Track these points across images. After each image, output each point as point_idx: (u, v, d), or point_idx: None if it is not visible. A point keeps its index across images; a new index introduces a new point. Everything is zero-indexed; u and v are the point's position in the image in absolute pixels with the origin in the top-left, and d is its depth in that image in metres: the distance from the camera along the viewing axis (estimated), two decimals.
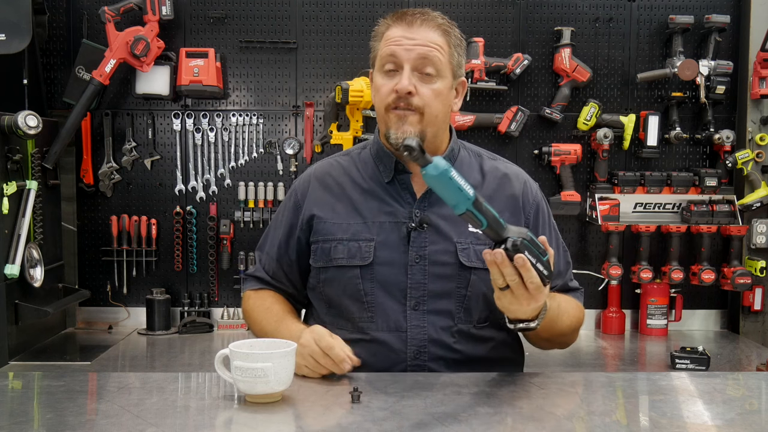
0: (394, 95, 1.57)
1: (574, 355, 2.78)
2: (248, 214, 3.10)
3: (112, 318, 3.14)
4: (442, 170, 1.27)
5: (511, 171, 1.73)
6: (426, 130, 1.60)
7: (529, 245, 1.33)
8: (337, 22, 3.10)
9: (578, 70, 3.05)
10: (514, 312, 1.41)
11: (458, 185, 1.28)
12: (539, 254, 1.34)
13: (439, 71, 1.59)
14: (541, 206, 1.71)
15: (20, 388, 1.50)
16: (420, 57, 1.57)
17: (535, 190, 1.73)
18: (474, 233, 1.61)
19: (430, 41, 1.58)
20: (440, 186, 1.29)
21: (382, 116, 1.63)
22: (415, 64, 1.57)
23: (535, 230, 1.68)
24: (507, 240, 1.32)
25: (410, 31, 1.58)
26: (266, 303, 1.73)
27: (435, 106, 1.59)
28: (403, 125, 1.58)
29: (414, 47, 1.57)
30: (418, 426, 1.20)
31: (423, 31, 1.58)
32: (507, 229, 1.34)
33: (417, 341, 1.59)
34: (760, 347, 2.95)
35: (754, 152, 3.07)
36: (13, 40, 2.65)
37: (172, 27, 3.06)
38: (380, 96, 1.61)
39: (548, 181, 3.13)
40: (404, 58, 1.57)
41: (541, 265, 1.34)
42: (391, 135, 1.60)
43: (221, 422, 1.27)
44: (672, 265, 3.05)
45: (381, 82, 1.61)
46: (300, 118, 3.14)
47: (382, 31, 1.64)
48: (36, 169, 2.72)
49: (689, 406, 1.36)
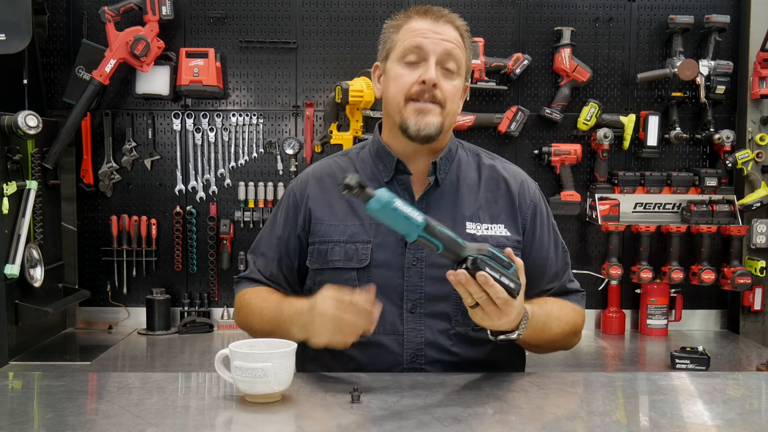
0: (419, 86, 1.56)
1: (574, 355, 2.78)
2: (248, 214, 3.10)
3: (112, 318, 3.14)
4: (384, 202, 1.28)
5: (508, 171, 1.71)
6: (444, 124, 1.59)
7: (491, 260, 1.32)
8: (337, 22, 3.10)
9: (578, 70, 3.05)
10: (490, 326, 1.41)
11: (404, 215, 1.29)
12: (503, 268, 1.33)
13: (459, 69, 1.60)
14: (538, 207, 1.69)
15: (20, 388, 1.50)
16: (445, 52, 1.57)
17: (533, 190, 1.71)
18: (470, 235, 1.60)
19: (454, 38, 1.59)
20: (387, 218, 1.30)
21: (398, 107, 1.59)
22: (440, 58, 1.57)
23: (532, 231, 1.67)
24: (467, 259, 1.32)
25: (436, 26, 1.59)
26: (263, 294, 1.68)
27: (454, 102, 1.60)
28: (426, 117, 1.56)
29: (441, 42, 1.57)
30: (418, 426, 1.20)
31: (447, 28, 1.60)
32: (465, 247, 1.33)
33: (414, 344, 1.58)
34: (760, 347, 2.95)
35: (754, 152, 3.07)
36: (13, 40, 2.65)
37: (172, 27, 3.06)
38: (399, 86, 1.58)
39: (548, 181, 3.13)
40: (431, 51, 1.57)
41: (506, 278, 1.33)
42: (410, 126, 1.57)
43: (221, 422, 1.27)
44: (672, 265, 3.05)
45: (402, 72, 1.58)
46: (300, 118, 3.14)
47: (400, 23, 1.63)
48: (36, 169, 2.72)
49: (689, 406, 1.36)
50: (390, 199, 1.28)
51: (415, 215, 1.29)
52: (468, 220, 1.62)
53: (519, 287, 1.36)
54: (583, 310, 1.71)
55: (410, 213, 1.29)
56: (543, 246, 1.67)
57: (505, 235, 1.63)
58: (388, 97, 1.62)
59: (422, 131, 1.56)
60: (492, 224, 1.63)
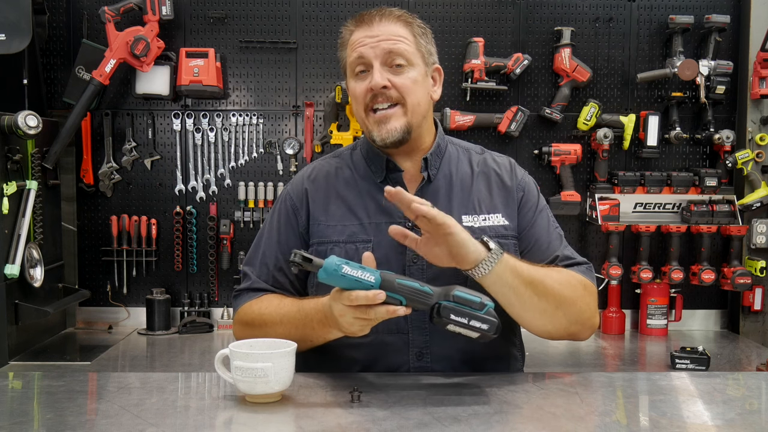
0: (370, 93, 1.58)
1: (574, 355, 2.78)
2: (248, 214, 3.10)
3: (112, 318, 3.14)
4: (331, 271, 1.29)
5: (499, 162, 1.73)
6: (412, 122, 1.60)
7: (456, 305, 1.32)
8: (337, 22, 3.10)
9: (578, 70, 3.05)
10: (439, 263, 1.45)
11: (354, 278, 1.30)
12: (473, 310, 1.33)
13: (409, 60, 1.60)
14: (528, 188, 1.69)
15: (20, 388, 1.50)
16: (386, 51, 1.58)
17: (521, 174, 1.72)
18: (469, 227, 1.58)
19: (393, 34, 1.59)
20: (339, 283, 1.31)
21: (362, 120, 1.63)
22: (383, 59, 1.58)
23: (523, 212, 1.66)
24: (434, 307, 1.33)
25: (371, 30, 1.60)
26: (275, 301, 1.61)
27: (415, 93, 1.60)
28: (387, 124, 1.58)
29: (378, 43, 1.58)
30: (418, 426, 1.20)
31: (384, 26, 1.60)
32: (432, 294, 1.33)
33: (419, 342, 1.58)
34: (760, 347, 2.95)
35: (754, 152, 3.07)
36: (13, 40, 2.65)
37: (172, 27, 3.06)
38: (356, 99, 1.62)
39: (548, 181, 3.13)
40: (371, 56, 1.58)
41: (476, 321, 1.33)
42: (375, 138, 1.60)
43: (221, 422, 1.27)
44: (672, 265, 3.05)
45: (355, 85, 1.62)
46: (300, 118, 3.14)
47: (346, 38, 1.66)
48: (36, 169, 2.72)
49: (689, 406, 1.36)
50: (337, 266, 1.30)
51: (366, 276, 1.31)
52: (464, 213, 1.63)
53: (494, 326, 1.34)
54: (591, 282, 1.60)
55: (361, 275, 1.30)
56: (536, 225, 1.66)
57: (503, 224, 1.64)
58: (354, 113, 1.67)
59: (387, 140, 1.59)
60: (489, 214, 1.64)
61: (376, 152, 1.66)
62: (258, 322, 1.59)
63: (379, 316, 1.33)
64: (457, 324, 1.33)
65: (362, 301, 1.32)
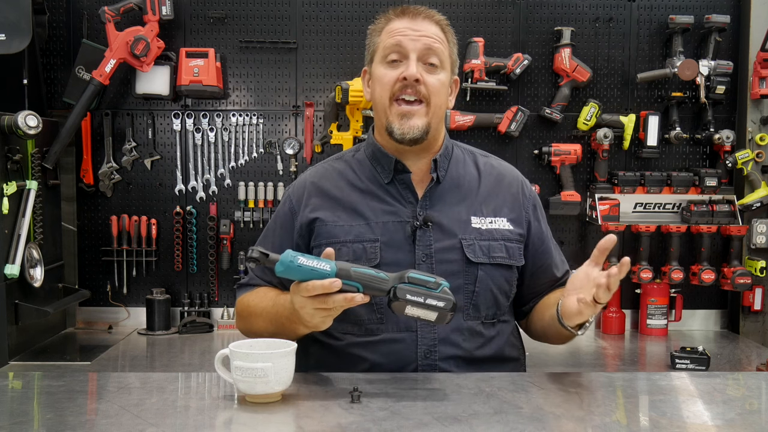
0: (401, 83, 1.58)
1: (574, 355, 2.78)
2: (248, 214, 3.10)
3: (112, 318, 3.13)
4: (287, 263, 1.33)
5: (504, 168, 1.77)
6: (431, 122, 1.61)
7: (414, 286, 1.35)
8: (337, 22, 3.10)
9: (578, 70, 3.05)
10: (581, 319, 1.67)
11: (310, 267, 1.33)
12: (428, 289, 1.36)
13: (442, 63, 1.62)
14: (537, 202, 1.77)
15: (20, 388, 1.50)
16: (426, 47, 1.60)
17: (529, 187, 1.78)
18: (476, 229, 1.63)
19: (434, 34, 1.62)
20: (296, 275, 1.35)
21: (383, 108, 1.62)
22: (420, 54, 1.59)
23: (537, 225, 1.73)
24: (390, 290, 1.36)
25: (414, 24, 1.61)
26: (260, 293, 1.66)
27: (440, 96, 1.62)
28: (410, 120, 1.59)
29: (419, 38, 1.60)
30: (418, 426, 1.20)
31: (426, 24, 1.62)
32: (388, 279, 1.36)
33: (427, 340, 1.58)
34: (760, 347, 2.95)
35: (754, 152, 3.07)
36: (13, 40, 2.65)
37: (172, 27, 3.06)
38: (383, 85, 1.61)
39: (548, 181, 3.13)
40: (410, 48, 1.59)
41: (432, 299, 1.35)
42: (395, 129, 1.60)
43: (221, 422, 1.27)
44: (672, 265, 3.05)
45: (384, 71, 1.61)
46: (300, 118, 3.14)
47: (381, 25, 1.66)
48: (36, 169, 2.72)
49: (689, 406, 1.36)
50: (293, 258, 1.33)
51: (322, 266, 1.34)
52: (472, 214, 1.65)
53: (450, 303, 1.36)
54: None
55: (317, 265, 1.34)
56: (545, 239, 1.75)
57: (508, 229, 1.67)
58: (375, 99, 1.65)
59: (407, 135, 1.59)
60: (495, 218, 1.67)
61: (384, 153, 1.66)
62: (245, 314, 1.67)
63: (338, 305, 1.35)
64: (415, 304, 1.35)
65: (319, 290, 1.34)
